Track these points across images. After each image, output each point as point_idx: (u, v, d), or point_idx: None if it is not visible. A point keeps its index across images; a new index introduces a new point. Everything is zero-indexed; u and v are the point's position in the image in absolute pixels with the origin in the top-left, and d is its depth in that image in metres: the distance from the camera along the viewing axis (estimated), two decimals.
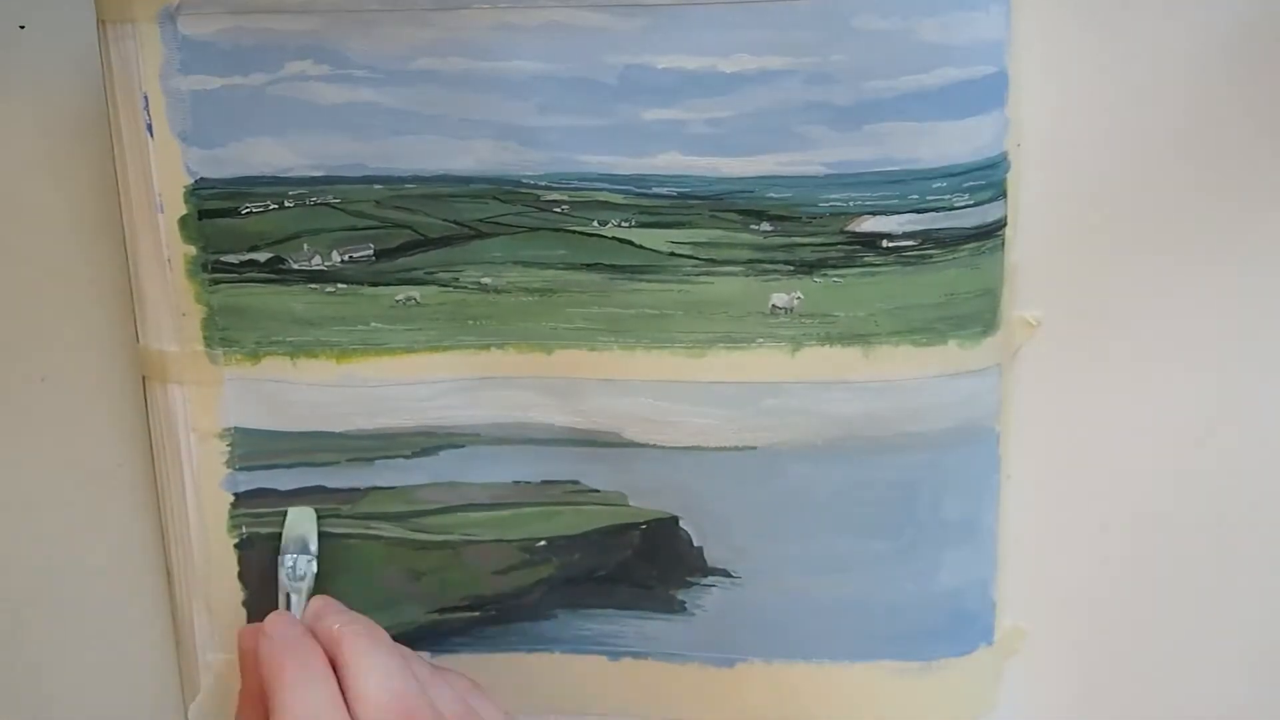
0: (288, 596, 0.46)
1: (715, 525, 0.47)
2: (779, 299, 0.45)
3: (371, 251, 0.46)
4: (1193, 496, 0.48)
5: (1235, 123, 0.45)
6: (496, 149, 0.44)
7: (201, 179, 0.45)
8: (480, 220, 0.45)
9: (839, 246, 0.44)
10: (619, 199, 0.44)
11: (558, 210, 0.44)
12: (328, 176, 0.45)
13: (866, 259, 0.44)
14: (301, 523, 0.47)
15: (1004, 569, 0.48)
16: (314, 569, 0.47)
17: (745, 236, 0.44)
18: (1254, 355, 0.46)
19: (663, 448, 0.46)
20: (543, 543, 0.48)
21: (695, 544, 0.47)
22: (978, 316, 0.45)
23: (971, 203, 0.44)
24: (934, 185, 0.43)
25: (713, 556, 0.47)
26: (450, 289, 0.46)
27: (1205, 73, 0.44)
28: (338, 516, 0.48)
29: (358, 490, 0.48)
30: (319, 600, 0.45)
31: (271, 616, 0.44)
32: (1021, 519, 0.48)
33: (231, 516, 0.48)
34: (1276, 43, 0.44)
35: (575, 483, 0.48)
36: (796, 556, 0.47)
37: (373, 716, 0.40)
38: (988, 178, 0.44)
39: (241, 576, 0.48)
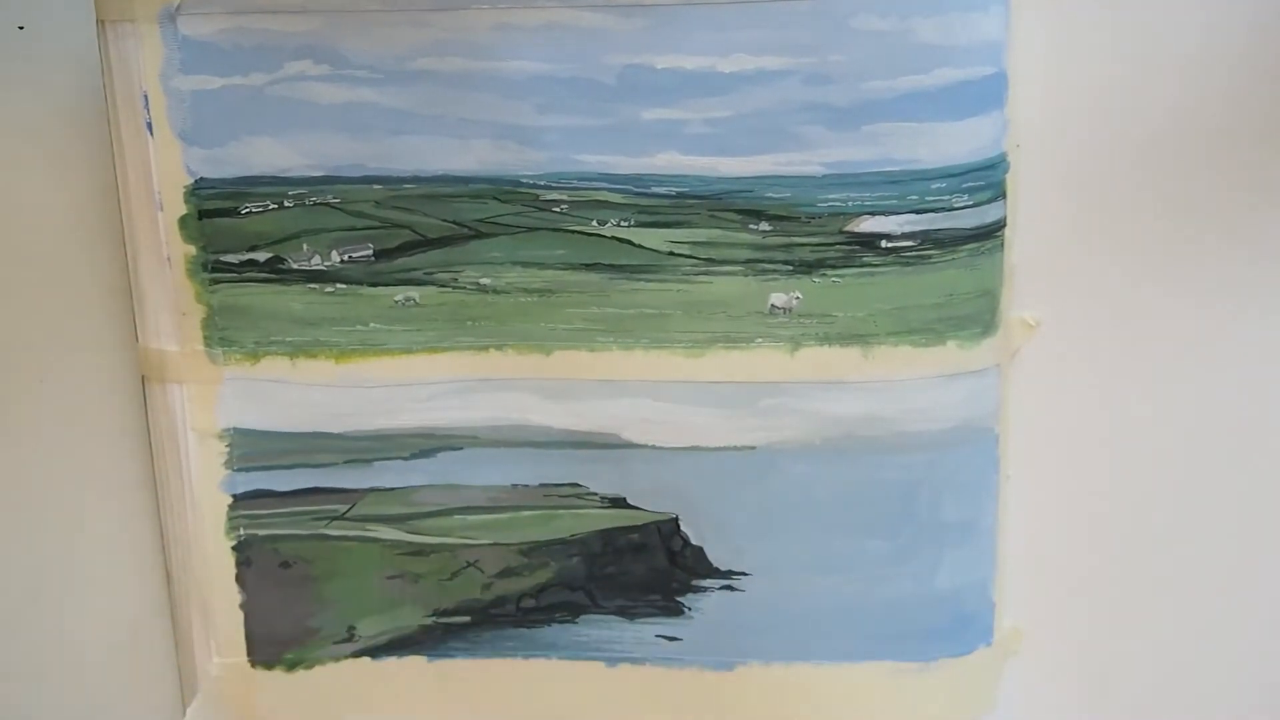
0: None
1: (714, 526, 0.47)
2: (778, 299, 0.45)
3: (371, 252, 0.46)
4: (1192, 497, 0.47)
5: (1235, 123, 0.45)
6: (496, 149, 0.44)
7: (201, 179, 0.45)
8: (479, 220, 0.45)
9: (838, 246, 0.44)
10: (618, 198, 0.44)
11: (557, 210, 0.44)
12: (327, 176, 0.45)
13: (865, 259, 0.44)
14: None
15: (1003, 570, 0.48)
16: None
17: (744, 236, 0.44)
18: (1254, 355, 0.46)
19: (661, 448, 0.46)
20: (541, 546, 0.48)
21: (694, 545, 0.47)
22: (977, 317, 0.45)
23: (970, 203, 0.44)
24: (933, 186, 0.43)
25: (712, 558, 0.47)
26: (449, 289, 0.46)
27: (1205, 73, 0.44)
28: (335, 519, 0.48)
29: (356, 491, 0.48)
30: None
31: None
32: (1021, 519, 0.48)
33: (230, 518, 0.48)
34: (1277, 43, 0.44)
35: (574, 485, 0.47)
36: (795, 557, 0.47)
37: None
38: (987, 178, 0.44)
39: (239, 579, 0.48)
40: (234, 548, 0.48)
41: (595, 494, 0.47)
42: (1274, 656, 0.48)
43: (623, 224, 0.45)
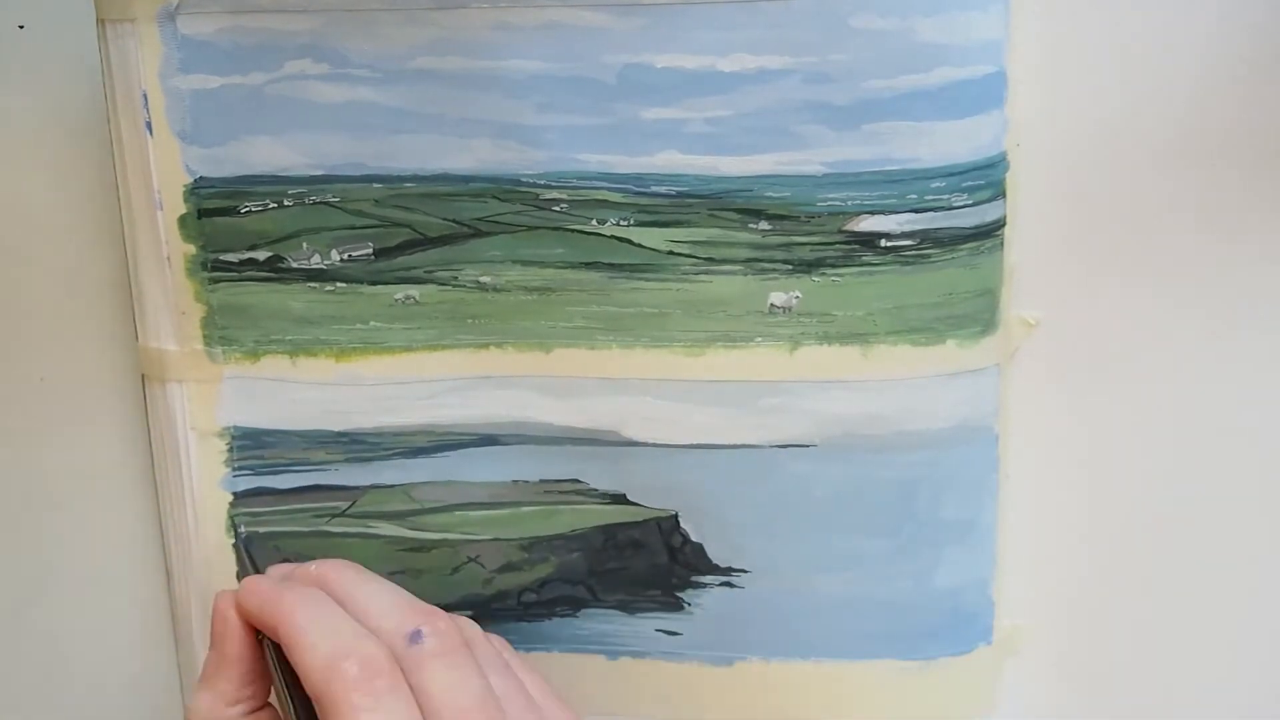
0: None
1: (714, 524, 0.47)
2: (777, 298, 0.45)
3: (370, 250, 0.46)
4: (1191, 496, 0.47)
5: (1236, 123, 0.45)
6: (495, 148, 0.44)
7: (201, 178, 0.45)
8: (479, 219, 0.45)
9: (837, 246, 0.44)
10: (618, 198, 0.44)
11: (556, 209, 0.44)
12: (327, 175, 0.45)
13: (865, 258, 0.44)
14: None
15: (1003, 569, 0.48)
16: None
17: (744, 235, 0.44)
18: (1253, 355, 0.46)
19: (661, 446, 0.46)
20: (541, 541, 0.48)
21: (694, 542, 0.47)
22: (976, 316, 0.45)
23: (970, 202, 0.44)
24: (933, 185, 0.43)
25: (712, 555, 0.47)
26: (449, 288, 0.46)
27: (1205, 72, 0.44)
28: (336, 516, 0.48)
29: (356, 489, 0.48)
30: (275, 566, 0.45)
31: (248, 578, 0.43)
32: (1020, 519, 0.48)
33: (230, 515, 0.48)
34: (1277, 43, 0.44)
35: (574, 481, 0.48)
36: (795, 555, 0.47)
37: (387, 618, 0.41)
38: (986, 177, 0.44)
39: (240, 576, 0.48)
40: (234, 545, 0.48)
41: (595, 490, 0.47)
42: (1275, 657, 0.49)
43: (622, 223, 0.45)
